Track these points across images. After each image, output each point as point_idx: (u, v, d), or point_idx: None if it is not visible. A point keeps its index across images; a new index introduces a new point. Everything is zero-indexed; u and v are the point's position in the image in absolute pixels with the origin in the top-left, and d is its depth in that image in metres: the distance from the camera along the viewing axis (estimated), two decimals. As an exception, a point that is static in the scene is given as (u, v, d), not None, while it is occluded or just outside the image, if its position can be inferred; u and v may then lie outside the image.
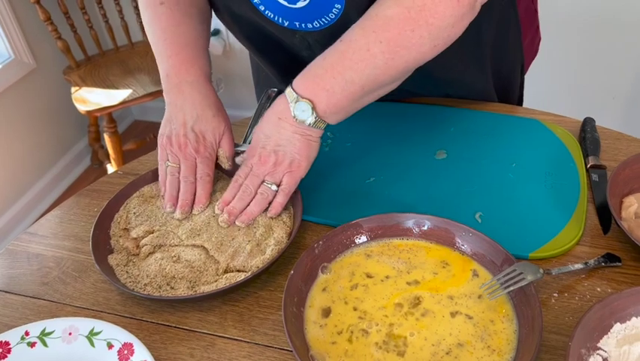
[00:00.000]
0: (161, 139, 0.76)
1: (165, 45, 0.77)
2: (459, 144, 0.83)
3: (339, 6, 0.70)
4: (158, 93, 1.89)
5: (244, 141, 0.86)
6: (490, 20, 0.83)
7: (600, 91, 1.92)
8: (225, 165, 0.77)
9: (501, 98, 0.95)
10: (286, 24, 0.76)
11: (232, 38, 2.19)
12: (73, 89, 1.95)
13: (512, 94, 0.98)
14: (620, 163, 0.71)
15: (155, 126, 2.53)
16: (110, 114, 1.95)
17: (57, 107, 2.24)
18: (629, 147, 0.81)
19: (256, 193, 0.70)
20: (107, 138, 2.01)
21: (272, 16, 0.75)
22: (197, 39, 0.79)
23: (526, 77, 1.02)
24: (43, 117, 2.20)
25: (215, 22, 0.87)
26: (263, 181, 0.70)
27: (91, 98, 1.90)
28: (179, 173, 0.74)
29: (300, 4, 0.72)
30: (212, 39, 2.18)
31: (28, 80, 2.09)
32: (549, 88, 1.78)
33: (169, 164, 0.74)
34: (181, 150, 0.74)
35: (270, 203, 0.71)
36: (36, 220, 0.80)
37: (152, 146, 1.10)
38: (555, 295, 0.61)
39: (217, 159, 0.77)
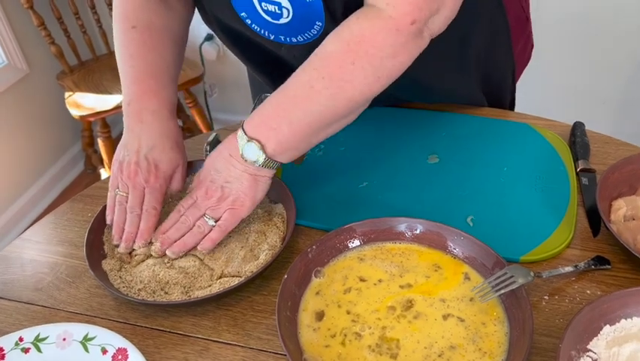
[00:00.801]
0: (114, 165, 0.73)
1: (131, 72, 0.76)
2: (451, 148, 0.84)
3: (320, 23, 0.71)
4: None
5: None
6: (478, 30, 0.84)
7: (591, 96, 1.94)
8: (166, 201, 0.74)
9: (492, 104, 0.96)
10: (272, 37, 0.76)
11: (226, 43, 2.20)
12: (66, 94, 1.95)
13: (504, 100, 0.99)
14: (610, 167, 0.72)
15: (149, 131, 2.52)
16: (103, 119, 1.95)
17: (50, 112, 2.24)
18: (617, 151, 0.82)
19: (194, 225, 0.68)
20: (100, 143, 2.01)
21: (258, 29, 0.76)
22: (165, 69, 0.77)
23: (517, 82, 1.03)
24: (37, 122, 2.20)
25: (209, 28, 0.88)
26: (204, 214, 0.68)
27: (84, 103, 1.90)
28: (127, 202, 0.71)
29: (282, 21, 0.72)
30: (206, 44, 2.19)
31: (21, 85, 2.09)
32: (540, 92, 1.79)
33: (118, 192, 0.72)
34: (130, 178, 0.71)
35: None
36: (30, 225, 0.80)
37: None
38: (546, 297, 0.62)
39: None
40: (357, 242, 0.67)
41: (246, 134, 0.65)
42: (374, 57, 0.62)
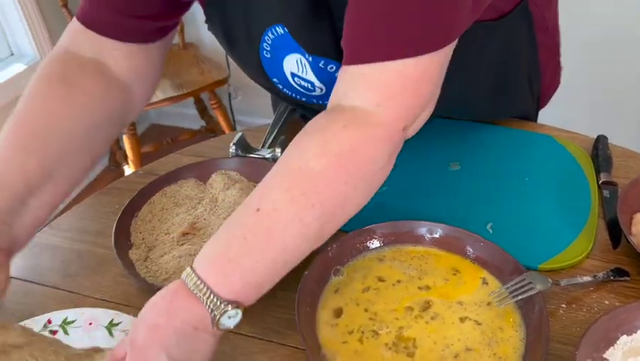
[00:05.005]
0: None
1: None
2: (472, 156, 0.85)
3: None
4: (178, 98, 1.93)
5: (262, 146, 0.88)
6: (519, 72, 0.85)
7: (615, 109, 1.92)
8: None
9: None
10: (304, 99, 0.77)
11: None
12: (94, 91, 1.99)
13: None
14: (632, 180, 0.72)
15: (172, 130, 2.57)
16: (129, 117, 1.99)
17: (78, 109, 2.29)
18: (641, 165, 0.82)
19: None
20: (125, 140, 2.05)
21: (290, 93, 0.77)
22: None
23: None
24: (64, 118, 2.25)
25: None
26: None
27: (112, 100, 1.93)
28: None
29: (315, 93, 0.72)
30: (232, 47, 2.22)
31: (51, 80, 2.14)
32: (564, 105, 1.79)
33: None
34: None
35: None
36: (55, 217, 0.82)
37: (169, 149, 1.12)
38: (563, 306, 0.62)
39: None
40: (377, 243, 0.68)
41: (219, 297, 0.50)
42: (367, 172, 0.55)
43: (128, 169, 2.14)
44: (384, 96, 0.55)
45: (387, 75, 0.54)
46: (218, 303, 0.50)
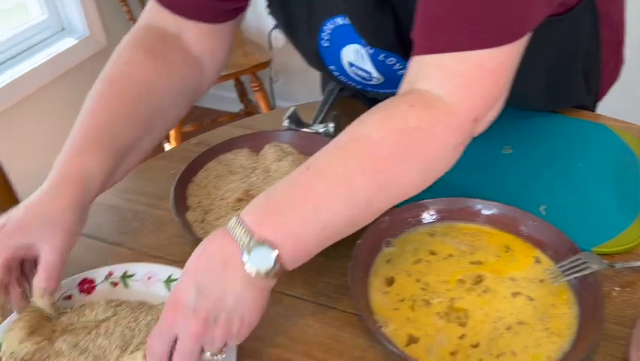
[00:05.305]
0: None
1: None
2: (525, 141, 0.84)
3: None
4: (221, 78, 1.96)
5: (314, 122, 0.89)
6: (578, 67, 0.84)
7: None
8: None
9: None
10: (359, 87, 0.78)
11: (294, 32, 2.24)
12: (141, 69, 2.03)
13: None
14: (691, 171, 0.71)
15: (211, 113, 2.60)
16: (173, 95, 2.03)
17: (122, 86, 2.34)
18: (699, 158, 0.80)
19: None
20: (167, 118, 2.09)
21: (345, 80, 0.77)
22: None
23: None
24: (109, 94, 2.30)
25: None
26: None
27: (157, 78, 1.98)
28: None
29: (372, 82, 0.72)
30: (276, 31, 2.23)
31: (99, 57, 2.19)
32: (620, 96, 1.75)
33: None
34: None
35: None
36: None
37: (208, 129, 1.14)
38: (617, 289, 0.62)
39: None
40: (429, 218, 0.69)
41: (251, 233, 0.50)
42: (427, 158, 0.54)
43: (169, 146, 2.18)
44: (460, 86, 0.54)
45: (466, 65, 0.54)
46: (248, 238, 0.49)
